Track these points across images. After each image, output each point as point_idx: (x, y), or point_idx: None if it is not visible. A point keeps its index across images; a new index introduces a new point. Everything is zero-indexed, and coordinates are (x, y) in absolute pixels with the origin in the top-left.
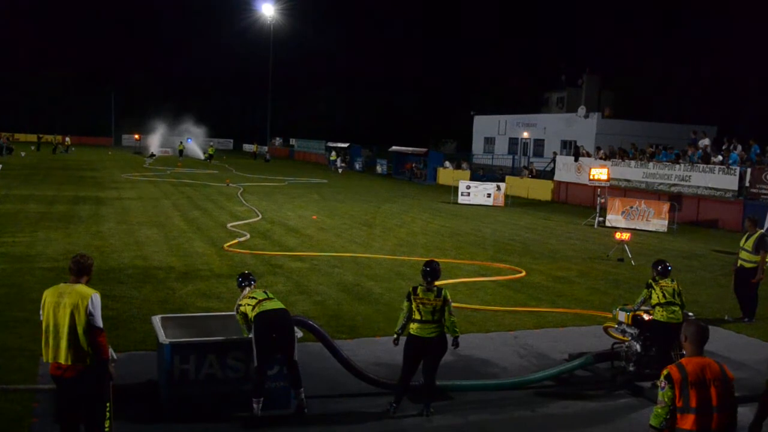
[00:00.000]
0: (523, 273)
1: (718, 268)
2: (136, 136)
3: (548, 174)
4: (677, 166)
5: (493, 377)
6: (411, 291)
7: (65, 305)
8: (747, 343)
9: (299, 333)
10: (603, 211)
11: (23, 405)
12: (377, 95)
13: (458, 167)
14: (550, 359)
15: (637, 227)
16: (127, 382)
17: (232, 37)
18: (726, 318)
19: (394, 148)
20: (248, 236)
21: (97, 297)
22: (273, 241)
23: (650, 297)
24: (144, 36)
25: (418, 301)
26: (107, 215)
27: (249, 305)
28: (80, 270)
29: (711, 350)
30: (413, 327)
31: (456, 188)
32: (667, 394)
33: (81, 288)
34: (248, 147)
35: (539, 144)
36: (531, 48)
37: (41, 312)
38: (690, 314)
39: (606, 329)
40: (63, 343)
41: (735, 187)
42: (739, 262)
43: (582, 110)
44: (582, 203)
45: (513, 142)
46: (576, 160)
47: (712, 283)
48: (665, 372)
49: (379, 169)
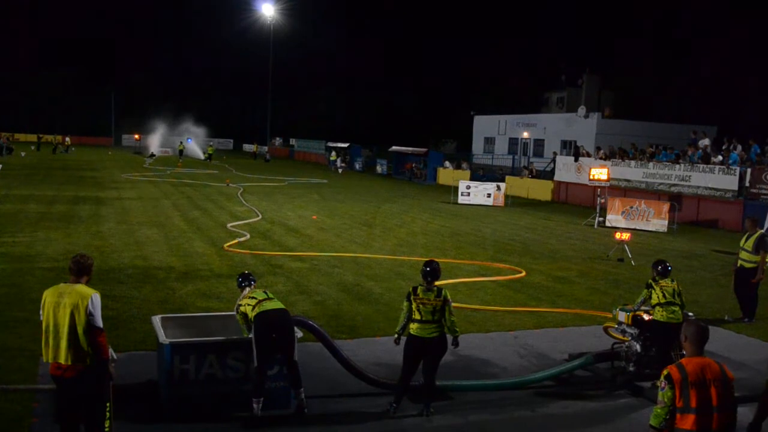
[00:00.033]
0: (523, 273)
1: (718, 268)
2: (136, 136)
3: (548, 174)
4: (677, 166)
5: (493, 377)
6: (411, 291)
7: (65, 305)
8: (747, 343)
9: (299, 333)
10: (603, 211)
11: (23, 405)
12: (377, 95)
13: (458, 167)
14: (550, 359)
15: (637, 227)
16: (127, 382)
17: (232, 37)
18: (726, 318)
19: (394, 148)
20: (248, 236)
21: (97, 297)
22: (273, 241)
23: (650, 297)
24: (144, 36)
25: (418, 301)
26: (107, 215)
27: (249, 305)
28: (80, 270)
29: (711, 350)
30: (413, 327)
31: (456, 188)
32: (667, 395)
33: (81, 288)
34: (248, 147)
35: (539, 144)
36: (531, 48)
37: (41, 312)
38: (690, 314)
39: (606, 329)
40: (63, 343)
41: (735, 187)
42: (739, 262)
43: (582, 110)
44: (582, 203)
45: (513, 142)
46: (576, 160)
47: (712, 283)
48: (665, 372)
49: (379, 169)
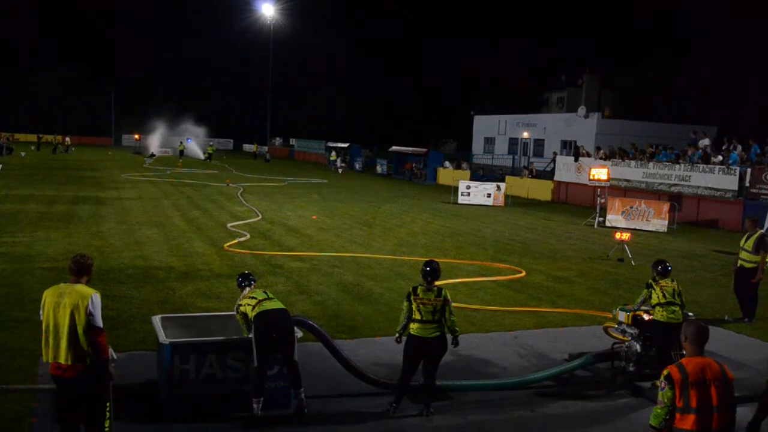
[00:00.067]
0: (523, 273)
1: (718, 268)
2: (136, 136)
3: (548, 174)
4: (677, 166)
5: (493, 377)
6: (411, 291)
7: (65, 305)
8: (747, 343)
9: (299, 333)
10: (603, 211)
11: (23, 405)
12: (377, 95)
13: (458, 167)
14: (550, 359)
15: (637, 227)
16: (127, 382)
17: (232, 38)
18: (726, 318)
19: (394, 148)
20: (248, 236)
21: (97, 297)
22: (273, 241)
23: (650, 297)
24: (144, 36)
25: (419, 301)
26: (107, 215)
27: (249, 305)
28: (80, 270)
29: (711, 350)
30: (413, 327)
31: (456, 188)
32: (667, 395)
33: (81, 288)
34: (248, 147)
35: (539, 144)
36: (531, 48)
37: (41, 312)
38: (690, 314)
39: (606, 329)
40: (63, 343)
41: (735, 187)
42: (739, 262)
43: (582, 110)
44: (582, 203)
45: (513, 142)
46: (576, 160)
47: (712, 283)
48: (665, 372)
49: (379, 169)
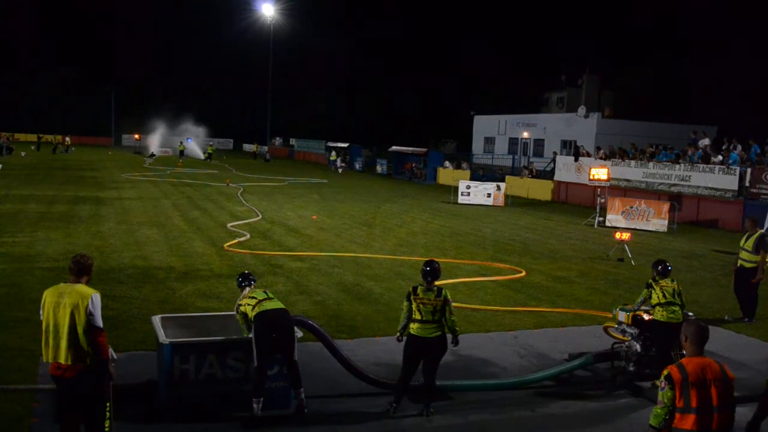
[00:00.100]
0: (523, 273)
1: (718, 268)
2: (136, 136)
3: (548, 174)
4: (677, 166)
5: (493, 377)
6: (411, 291)
7: (65, 305)
8: (747, 343)
9: (299, 333)
10: (603, 211)
11: (23, 405)
12: (377, 95)
13: (458, 167)
14: (550, 359)
15: (637, 227)
16: (127, 382)
17: (232, 37)
18: (726, 318)
19: (394, 148)
20: (248, 236)
21: (97, 297)
22: (273, 241)
23: (650, 297)
24: (144, 36)
25: (419, 301)
26: (107, 215)
27: (249, 305)
28: (80, 270)
29: (711, 350)
30: (414, 327)
31: (456, 188)
32: (667, 395)
33: (81, 288)
34: (248, 147)
35: (539, 144)
36: (531, 48)
37: (41, 312)
38: (690, 314)
39: (606, 329)
40: (63, 343)
41: (735, 187)
42: (739, 262)
43: (582, 110)
44: (582, 203)
45: (513, 142)
46: (576, 160)
47: (712, 283)
48: (665, 372)
49: (379, 169)
